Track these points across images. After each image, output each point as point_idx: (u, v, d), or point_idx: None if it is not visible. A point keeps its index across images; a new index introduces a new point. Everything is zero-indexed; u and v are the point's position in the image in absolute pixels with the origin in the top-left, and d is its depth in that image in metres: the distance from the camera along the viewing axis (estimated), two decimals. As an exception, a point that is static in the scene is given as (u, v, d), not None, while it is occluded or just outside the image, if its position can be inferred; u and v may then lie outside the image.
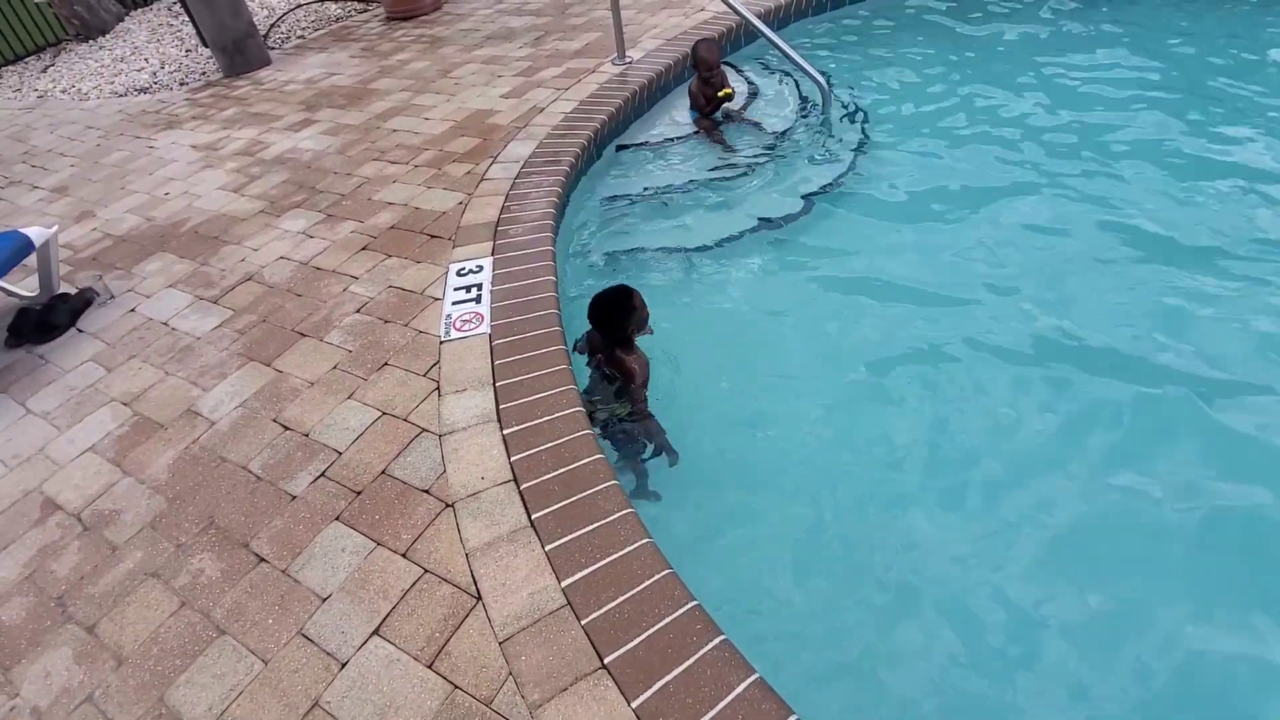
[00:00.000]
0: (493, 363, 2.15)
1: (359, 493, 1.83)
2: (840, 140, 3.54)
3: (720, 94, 3.62)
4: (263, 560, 1.71)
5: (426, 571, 1.61)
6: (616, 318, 2.03)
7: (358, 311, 2.50)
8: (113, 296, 2.82)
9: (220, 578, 1.69)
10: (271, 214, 3.23)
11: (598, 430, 1.98)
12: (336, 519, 1.78)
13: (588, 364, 2.23)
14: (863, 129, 3.59)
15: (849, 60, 4.38)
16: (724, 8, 3.90)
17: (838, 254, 2.87)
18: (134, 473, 2.02)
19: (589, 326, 2.13)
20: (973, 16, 4.69)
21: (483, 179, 3.19)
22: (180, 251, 3.06)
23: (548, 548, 1.60)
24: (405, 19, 5.86)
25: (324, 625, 1.55)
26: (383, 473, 1.88)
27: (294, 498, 1.85)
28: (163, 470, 2.01)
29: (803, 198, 3.13)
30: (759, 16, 3.94)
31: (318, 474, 1.91)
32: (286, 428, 2.07)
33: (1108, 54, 4.01)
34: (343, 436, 2.01)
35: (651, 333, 2.12)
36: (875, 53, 4.44)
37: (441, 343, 2.27)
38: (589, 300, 2.07)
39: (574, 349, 2.26)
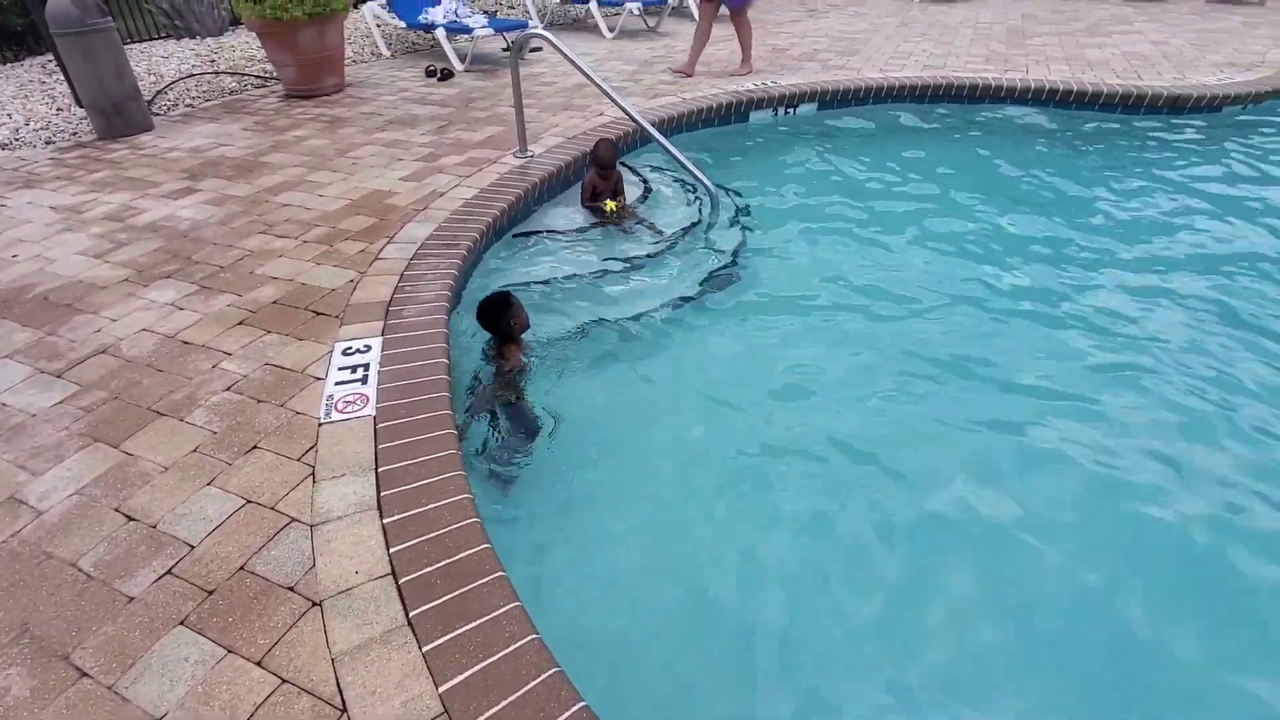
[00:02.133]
0: (376, 447, 2.04)
1: (211, 592, 1.65)
2: (725, 239, 3.78)
3: (606, 204, 3.82)
4: (85, 675, 1.48)
5: (284, 681, 1.45)
6: (497, 317, 2.61)
7: (227, 390, 2.32)
8: (-70, 367, 2.48)
9: (30, 697, 1.44)
10: (137, 283, 3.00)
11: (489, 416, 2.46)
12: (181, 623, 1.58)
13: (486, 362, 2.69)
14: (744, 231, 3.86)
15: (736, 167, 4.75)
16: (621, 114, 4.15)
17: (718, 345, 3.02)
18: (-71, 572, 1.72)
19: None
20: (849, 138, 5.26)
21: (377, 258, 3.13)
22: (23, 319, 2.77)
23: (426, 649, 1.49)
24: (305, 97, 5.82)
25: (154, 750, 1.34)
26: (241, 568, 1.70)
27: (131, 599, 1.64)
28: (-33, 569, 1.73)
29: (689, 293, 3.29)
30: (653, 124, 4.22)
31: (163, 571, 1.70)
32: (130, 518, 1.85)
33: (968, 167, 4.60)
34: (197, 528, 1.81)
35: (529, 328, 2.70)
36: (760, 161, 4.85)
37: (321, 424, 2.14)
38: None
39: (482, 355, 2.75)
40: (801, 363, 2.90)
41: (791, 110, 5.57)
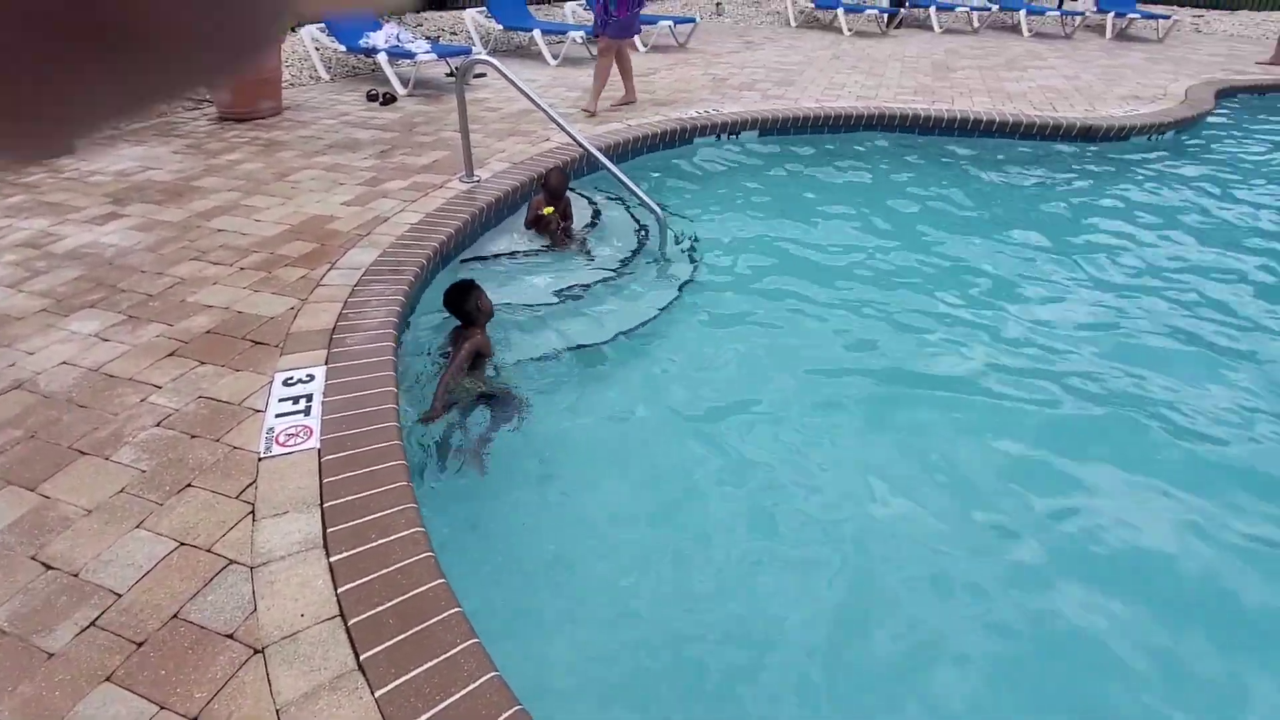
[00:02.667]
0: (321, 481, 1.96)
1: (141, 644, 1.54)
2: (672, 265, 3.82)
3: (544, 210, 3.83)
4: (-4, 741, 1.35)
5: (224, 736, 1.36)
6: (462, 302, 2.76)
7: (157, 425, 2.19)
8: None
9: (-72, 771, 1.31)
10: (57, 313, 2.83)
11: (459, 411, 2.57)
12: (107, 679, 1.46)
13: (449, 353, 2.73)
14: (692, 257, 3.91)
15: (682, 191, 4.82)
16: (567, 139, 4.17)
17: (666, 371, 3.03)
18: None
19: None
20: (790, 165, 5.42)
21: (319, 284, 3.03)
22: (-76, 354, 2.56)
23: (379, 694, 1.42)
24: (240, 120, 5.64)
25: (77, 822, 1.23)
26: (175, 616, 1.60)
27: (51, 655, 1.51)
28: None
29: (640, 319, 3.29)
30: (600, 150, 4.25)
31: (86, 624, 1.58)
32: (49, 567, 1.72)
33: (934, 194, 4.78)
34: (124, 575, 1.70)
35: (489, 312, 2.84)
36: (705, 185, 4.95)
37: (260, 459, 2.05)
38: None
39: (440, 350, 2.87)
40: (748, 383, 2.95)
41: (734, 136, 5.71)
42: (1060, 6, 12.28)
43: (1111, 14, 11.17)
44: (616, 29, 5.81)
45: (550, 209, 3.84)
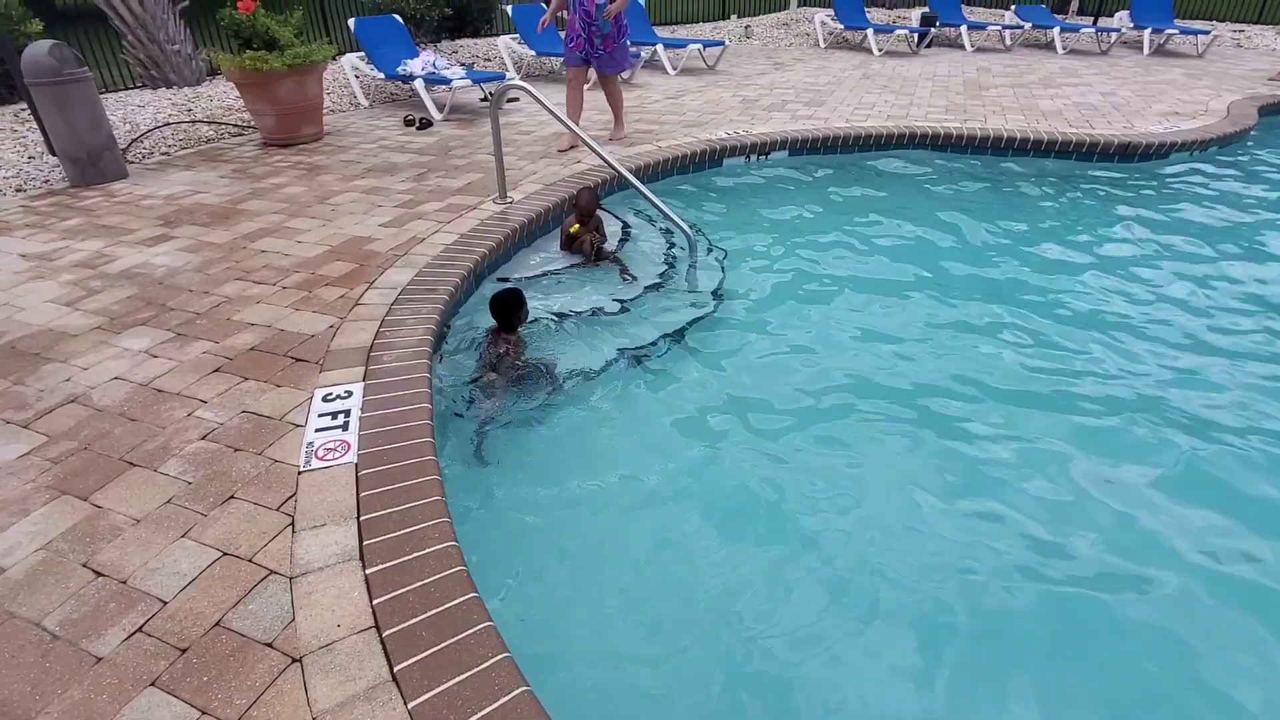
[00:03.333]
0: (358, 494, 2.00)
1: (184, 650, 1.58)
2: (702, 283, 3.84)
3: (572, 229, 3.89)
4: (48, 742, 1.40)
5: (263, 743, 1.39)
6: (515, 310, 3.03)
7: (203, 439, 2.27)
8: (-113, 419, 2.39)
9: (-16, 770, 1.36)
10: (110, 331, 2.95)
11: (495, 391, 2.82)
12: (152, 684, 1.51)
13: (486, 352, 3.02)
14: (721, 275, 3.93)
15: (714, 212, 4.85)
16: (599, 161, 4.24)
17: (699, 386, 3.04)
18: (-120, 637, 1.63)
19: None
20: (821, 185, 5.42)
21: (357, 303, 3.12)
22: (-12, 369, 2.69)
23: (411, 705, 1.44)
24: (283, 146, 5.85)
25: (122, 823, 1.27)
26: (217, 624, 1.64)
27: (99, 660, 1.56)
28: (-78, 632, 1.64)
29: (669, 334, 3.33)
30: (631, 171, 4.31)
31: (134, 629, 1.63)
32: (99, 574, 1.78)
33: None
34: (170, 583, 1.75)
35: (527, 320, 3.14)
36: (735, 206, 4.97)
37: (300, 473, 2.10)
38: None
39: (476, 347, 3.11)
40: (775, 396, 2.96)
41: (764, 157, 5.73)
42: (1095, 23, 12.14)
43: (1149, 30, 11.00)
44: (607, 62, 5.43)
45: (577, 226, 3.90)
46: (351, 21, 7.44)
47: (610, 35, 5.28)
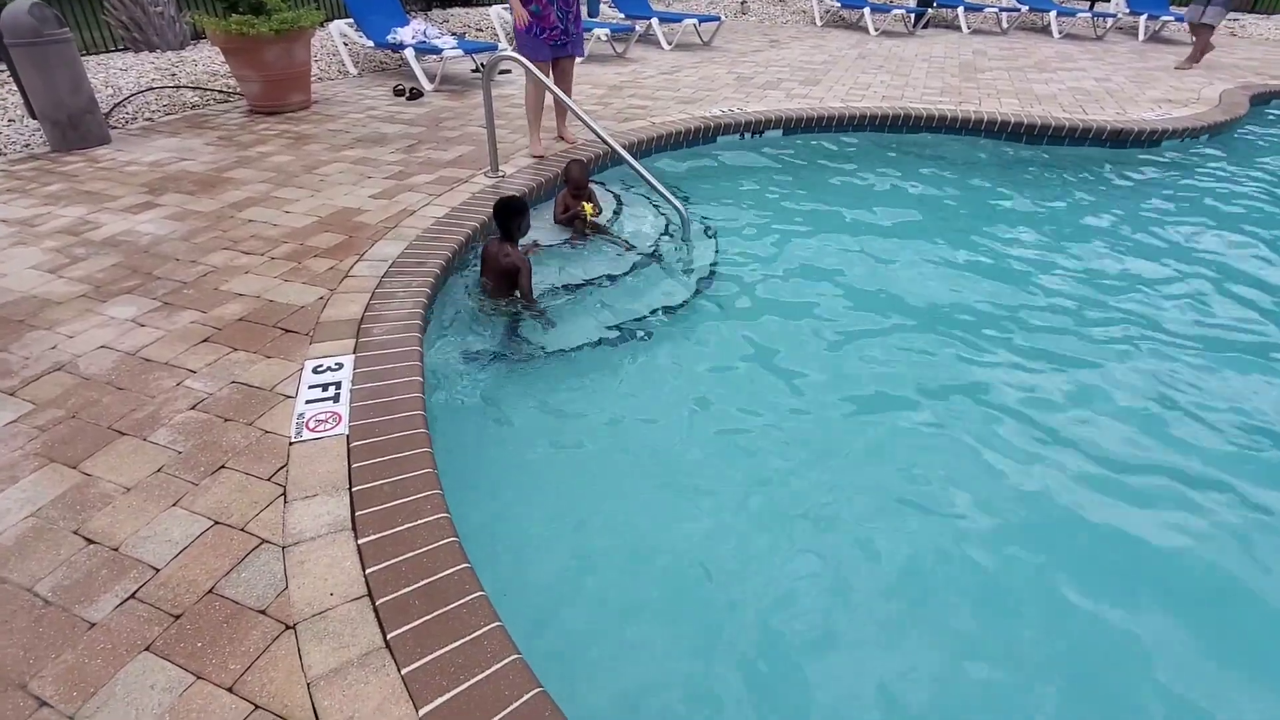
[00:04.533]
0: (349, 466, 2.01)
1: (178, 616, 1.59)
2: (695, 259, 3.85)
3: (583, 206, 3.84)
4: (44, 704, 1.41)
5: (257, 708, 1.41)
6: (512, 216, 3.11)
7: (193, 408, 2.26)
8: None
9: (-21, 731, 1.37)
10: (95, 299, 2.91)
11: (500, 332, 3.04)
12: (146, 649, 1.52)
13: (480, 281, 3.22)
14: (714, 252, 3.92)
15: (707, 189, 4.83)
16: (592, 136, 4.20)
17: (689, 363, 3.05)
18: None
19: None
20: (815, 165, 5.41)
21: (347, 275, 3.09)
22: (-30, 336, 2.66)
23: (404, 671, 1.46)
24: (270, 113, 5.74)
25: (118, 783, 1.29)
26: (210, 591, 1.65)
27: (92, 625, 1.57)
28: (-88, 597, 1.64)
29: (660, 309, 3.33)
30: (624, 147, 4.27)
31: (126, 595, 1.64)
32: (90, 541, 1.78)
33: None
34: (162, 550, 1.76)
35: (526, 234, 3.27)
36: (730, 185, 4.95)
37: (291, 444, 2.10)
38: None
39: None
40: (770, 375, 2.98)
41: (758, 135, 5.71)
42: (1091, 8, 12.10)
43: (1144, 16, 10.99)
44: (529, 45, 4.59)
45: (589, 205, 3.86)
46: (340, -13, 7.29)
47: (575, 13, 4.79)
